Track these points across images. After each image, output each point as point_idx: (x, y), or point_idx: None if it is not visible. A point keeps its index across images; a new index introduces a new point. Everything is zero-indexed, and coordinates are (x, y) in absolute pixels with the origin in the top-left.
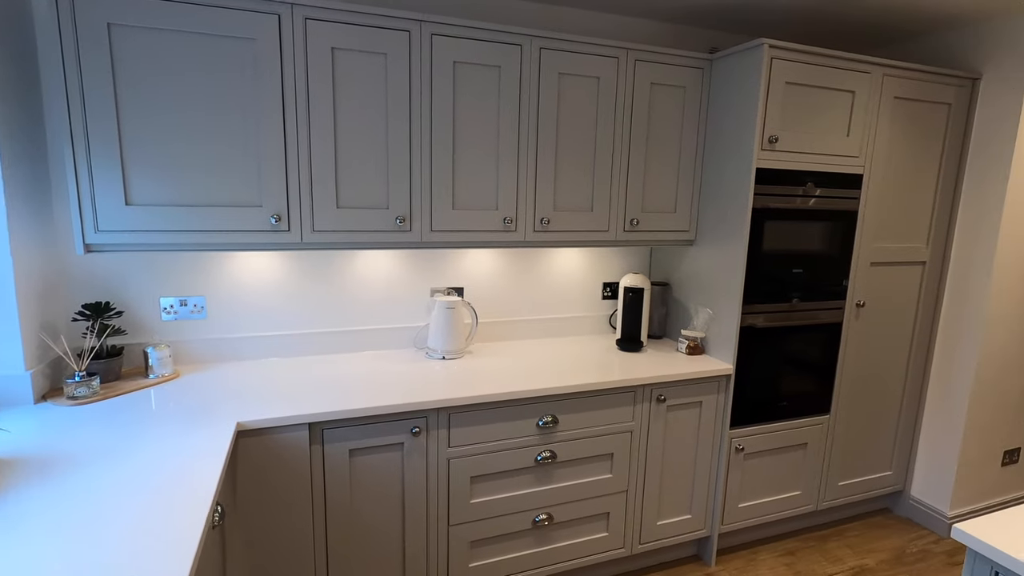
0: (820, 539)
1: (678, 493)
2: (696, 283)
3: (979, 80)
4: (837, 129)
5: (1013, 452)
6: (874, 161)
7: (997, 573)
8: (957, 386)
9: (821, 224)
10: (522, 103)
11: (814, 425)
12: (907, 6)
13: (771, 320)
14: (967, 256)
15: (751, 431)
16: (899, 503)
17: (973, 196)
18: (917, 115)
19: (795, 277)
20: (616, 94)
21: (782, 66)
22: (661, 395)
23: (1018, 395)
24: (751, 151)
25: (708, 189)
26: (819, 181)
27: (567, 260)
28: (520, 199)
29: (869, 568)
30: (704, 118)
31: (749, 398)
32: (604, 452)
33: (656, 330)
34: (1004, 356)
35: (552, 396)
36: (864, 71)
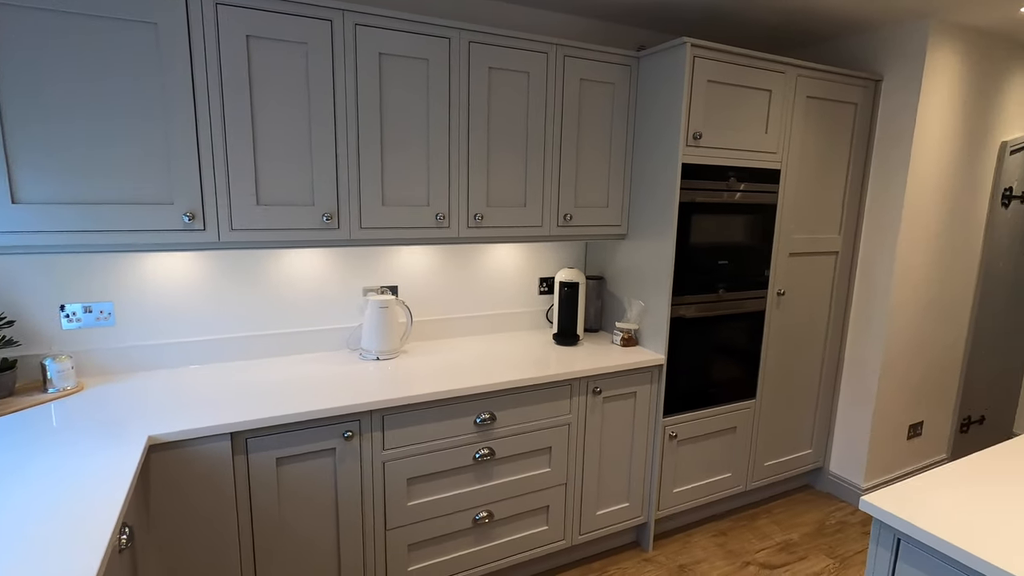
0: (750, 517)
1: (616, 482)
2: (629, 276)
3: (881, 82)
4: (756, 126)
5: (916, 426)
6: (790, 157)
7: (899, 540)
8: (868, 367)
9: (744, 217)
10: (452, 97)
11: (742, 409)
12: (817, 11)
13: (700, 310)
14: (874, 245)
15: (683, 418)
16: (820, 479)
17: (878, 189)
18: (827, 113)
19: (721, 268)
20: (547, 89)
21: (704, 65)
22: (597, 387)
23: (918, 374)
24: (676, 147)
25: (638, 184)
26: (741, 176)
27: (503, 256)
28: (453, 195)
29: (794, 542)
30: (633, 114)
31: (681, 386)
32: (542, 446)
33: (592, 323)
34: (906, 339)
35: (489, 393)
36: (779, 71)
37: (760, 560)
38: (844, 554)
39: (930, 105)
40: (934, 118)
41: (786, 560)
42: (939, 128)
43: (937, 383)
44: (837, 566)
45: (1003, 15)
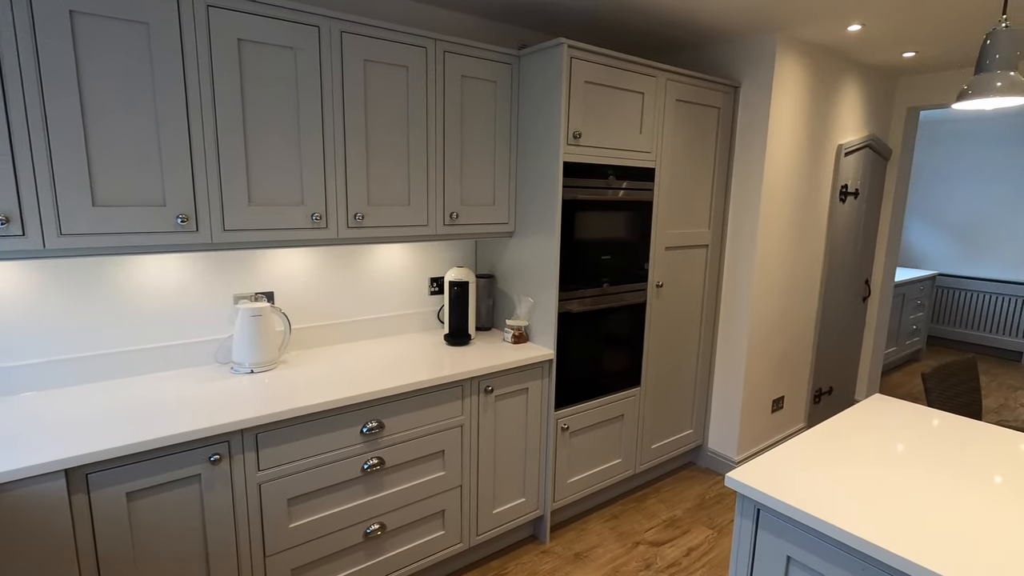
0: (639, 499)
1: (511, 479)
2: (518, 273)
3: (739, 88)
4: (631, 127)
5: (779, 400)
6: (663, 156)
7: (759, 509)
8: (736, 350)
9: (624, 214)
10: (325, 90)
11: (628, 398)
12: (682, 21)
13: (585, 305)
14: (738, 238)
15: (574, 410)
16: (700, 456)
17: (740, 186)
18: (695, 116)
19: (604, 263)
20: (428, 85)
21: (581, 66)
22: (489, 386)
23: (779, 353)
24: (558, 146)
25: (524, 182)
26: (620, 174)
27: (390, 257)
28: (329, 194)
29: (678, 517)
30: (516, 113)
31: (571, 379)
32: (435, 450)
33: (484, 322)
34: (767, 322)
35: (375, 400)
36: (651, 75)
37: (649, 539)
38: (721, 523)
39: (780, 110)
40: (784, 122)
41: (672, 535)
42: (788, 131)
43: (794, 361)
44: (716, 535)
45: (835, 33)
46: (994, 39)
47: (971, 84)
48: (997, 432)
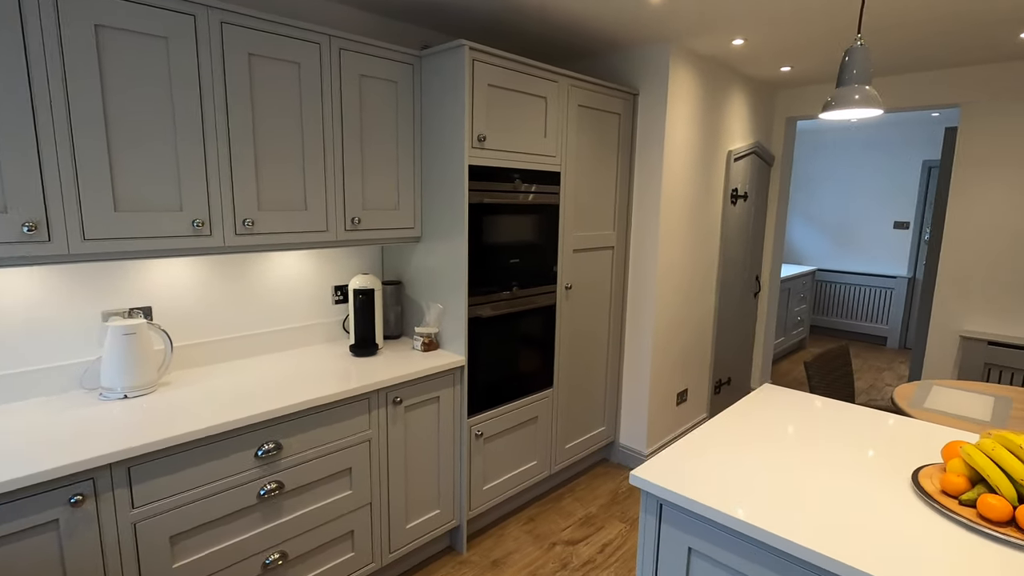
0: (555, 499)
1: (425, 491)
2: (426, 279)
3: (638, 95)
4: (536, 130)
5: (683, 393)
6: (568, 160)
7: (661, 504)
8: (643, 346)
9: (531, 217)
10: (204, 85)
11: (542, 399)
12: (580, 28)
13: (496, 309)
14: (641, 240)
15: (488, 416)
16: (613, 452)
17: (642, 190)
18: (597, 121)
19: (513, 267)
20: (323, 84)
21: (484, 69)
22: (397, 397)
23: (681, 348)
24: (463, 148)
25: (429, 185)
26: (526, 178)
27: (289, 265)
28: (213, 198)
29: (593, 515)
30: (419, 114)
31: (483, 385)
32: (341, 468)
33: (392, 330)
34: (670, 318)
35: (271, 420)
36: (553, 80)
37: (565, 538)
38: (633, 517)
39: (675, 118)
40: (679, 129)
41: (587, 533)
42: (683, 138)
43: (695, 354)
44: (628, 529)
45: (721, 46)
46: (851, 56)
47: (834, 96)
48: (868, 413)
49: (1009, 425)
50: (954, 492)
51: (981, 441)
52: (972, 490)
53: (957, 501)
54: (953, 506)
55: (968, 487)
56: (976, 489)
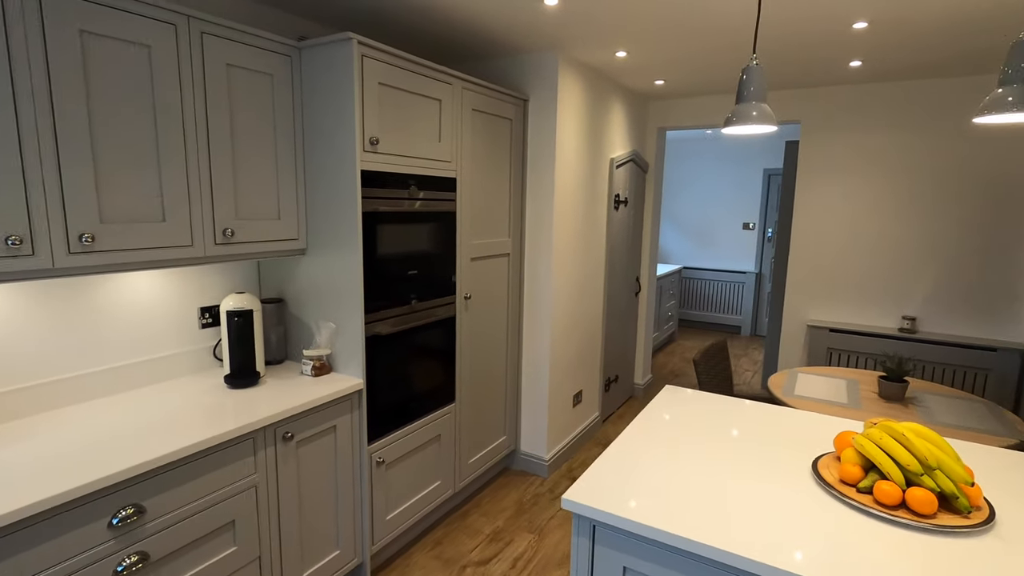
0: (461, 517)
1: (322, 532)
2: (315, 296)
3: (528, 101)
4: (430, 135)
5: (578, 394)
6: (463, 166)
7: (595, 526)
8: (540, 352)
9: (428, 225)
10: (17, 67)
11: (444, 416)
12: (465, 27)
13: (395, 324)
14: (536, 245)
15: (389, 440)
16: (514, 460)
17: (535, 196)
18: (490, 126)
19: (411, 279)
20: (181, 72)
21: (374, 66)
22: (288, 432)
23: (574, 351)
24: (354, 152)
25: (315, 192)
26: (421, 184)
27: (142, 287)
28: (36, 208)
29: (501, 529)
30: (301, 113)
31: (383, 408)
32: (222, 523)
33: (276, 354)
34: (565, 322)
35: (127, 481)
36: (447, 82)
37: (475, 559)
38: (540, 524)
39: (565, 125)
40: (569, 136)
41: (497, 550)
42: (573, 145)
43: (588, 356)
44: (537, 539)
45: (606, 57)
46: (748, 75)
47: (734, 112)
48: (763, 408)
49: (863, 404)
50: (851, 481)
51: (869, 431)
52: (867, 478)
53: (855, 489)
54: (852, 494)
55: (863, 475)
56: (870, 477)
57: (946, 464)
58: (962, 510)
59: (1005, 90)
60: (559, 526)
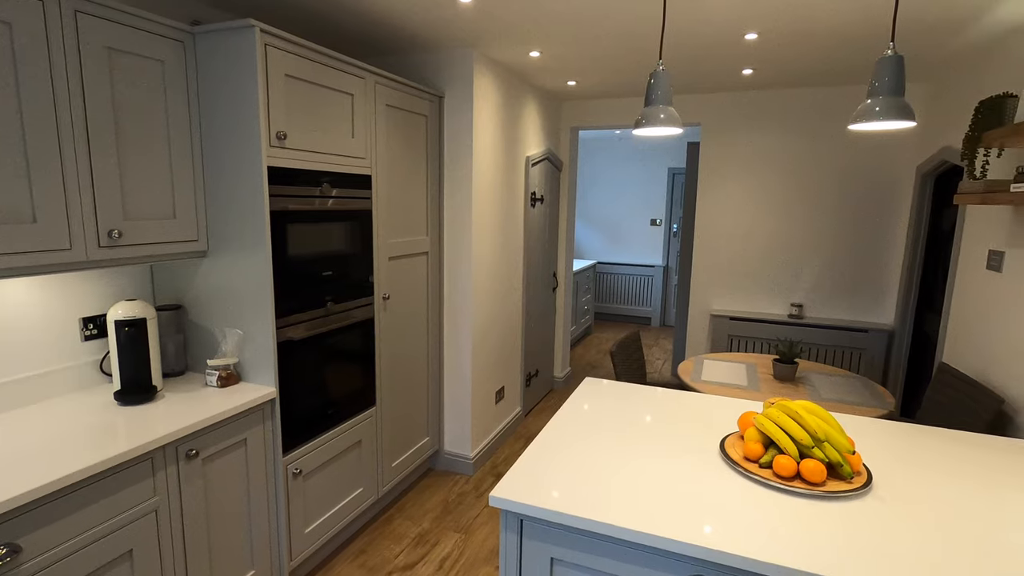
0: (385, 522)
1: (234, 552)
2: (219, 301)
3: (444, 98)
4: (343, 130)
5: (500, 391)
6: (378, 163)
7: (522, 521)
8: (462, 350)
9: (343, 224)
10: None
11: (364, 420)
12: (378, 19)
13: (310, 329)
14: (455, 243)
15: (307, 449)
16: (438, 460)
17: (453, 193)
18: (406, 123)
19: (326, 280)
20: (51, 54)
21: (279, 57)
22: (192, 449)
23: (495, 347)
24: (259, 147)
25: (217, 190)
26: (334, 181)
27: (13, 297)
28: None
29: (426, 531)
30: (198, 105)
31: (299, 416)
32: (118, 554)
33: (175, 366)
34: (486, 320)
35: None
36: (359, 75)
37: (401, 564)
38: (466, 523)
39: (481, 123)
40: (486, 134)
41: (423, 553)
42: (489, 143)
43: (509, 352)
44: (464, 537)
45: (520, 56)
46: (656, 79)
47: (643, 115)
48: (674, 395)
49: (760, 386)
50: (754, 457)
51: (767, 411)
52: (767, 454)
53: (757, 465)
54: (755, 470)
55: (763, 451)
56: (770, 452)
57: (832, 436)
58: (846, 476)
59: (872, 101)
60: (485, 523)
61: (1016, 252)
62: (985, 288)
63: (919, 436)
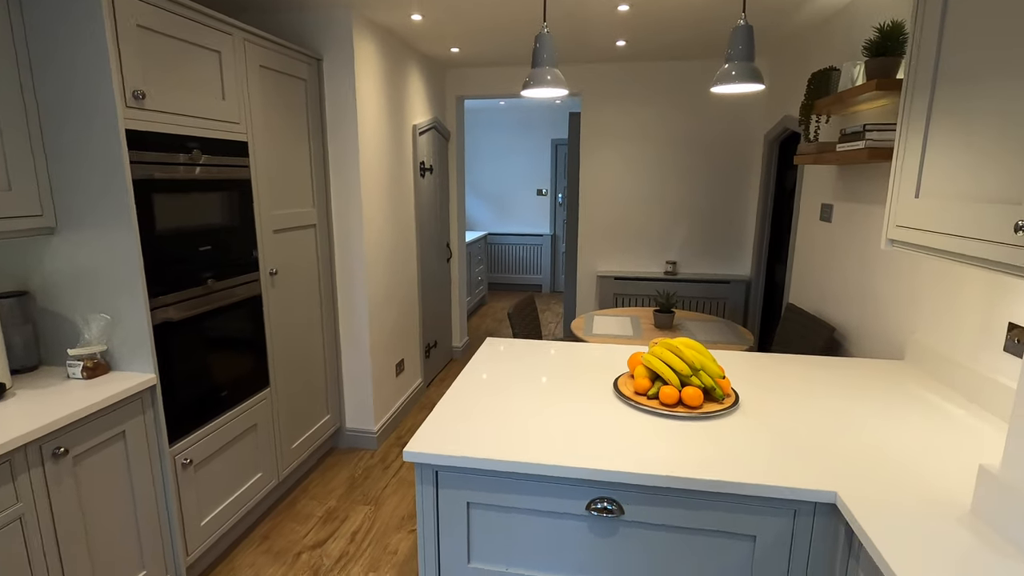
0: (289, 505)
1: (121, 554)
2: (76, 284)
3: (322, 61)
4: (212, 91)
5: (400, 363)
6: (255, 128)
7: (437, 472)
8: (359, 324)
9: (219, 195)
10: None
11: (259, 403)
12: None
13: (189, 308)
14: (345, 215)
15: (196, 438)
16: (340, 438)
17: (339, 163)
18: (282, 86)
19: (205, 255)
20: None
21: (129, 4)
22: (60, 447)
23: (394, 320)
24: (114, 108)
25: (63, 157)
26: (206, 147)
27: None
28: None
29: (334, 508)
30: (27, 57)
31: (185, 403)
32: None
33: (24, 360)
34: (382, 292)
35: None
36: (225, 31)
37: (309, 543)
38: (375, 495)
39: (365, 89)
40: (370, 101)
41: (332, 530)
42: (374, 109)
43: (407, 324)
44: (374, 509)
45: (400, 19)
46: (541, 42)
47: (531, 76)
48: (570, 346)
49: (643, 334)
50: (642, 391)
51: (652, 349)
52: (653, 387)
53: (646, 397)
54: (644, 401)
55: (651, 385)
56: (656, 385)
57: (707, 365)
58: (719, 398)
59: (730, 66)
60: (395, 492)
61: (841, 205)
62: (819, 237)
63: (773, 363)
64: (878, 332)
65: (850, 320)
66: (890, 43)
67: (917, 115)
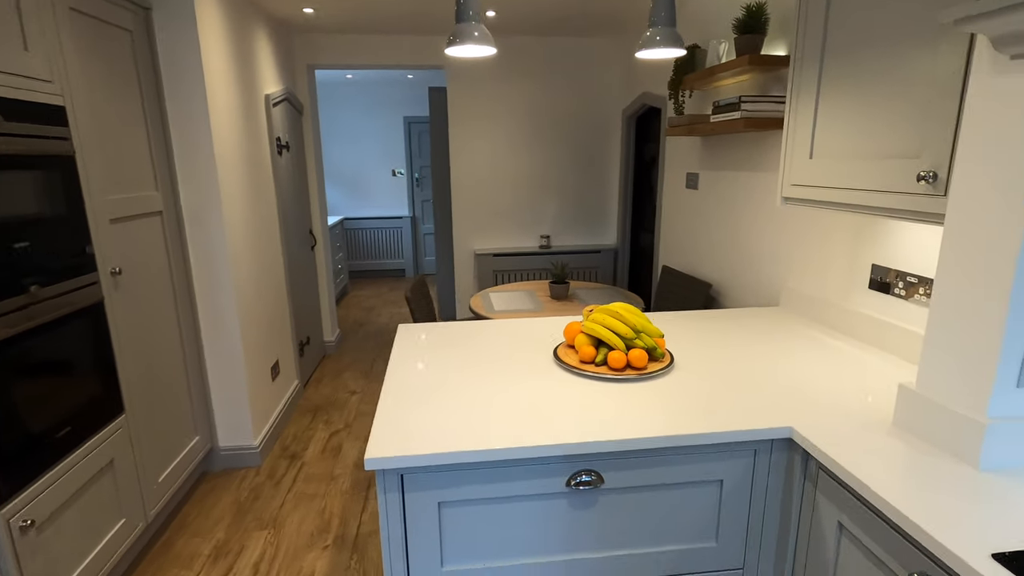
0: (166, 547)
1: None
2: None
3: (151, 11)
4: (8, 38)
5: (275, 366)
6: (75, 91)
7: (402, 475)
8: (227, 327)
9: (32, 174)
10: None
11: (112, 434)
12: None
13: (7, 326)
14: (197, 199)
15: (34, 492)
16: (214, 460)
17: (183, 133)
18: (104, 38)
19: (23, 256)
20: None
21: None
22: None
23: (265, 319)
24: None
25: None
26: (8, 112)
27: None
28: None
29: (223, 540)
30: None
31: (14, 450)
32: None
33: None
34: (249, 289)
35: None
36: None
37: None
38: (271, 515)
39: (209, 50)
40: (216, 64)
41: (228, 566)
42: (222, 75)
43: (278, 321)
44: (274, 532)
45: None
46: None
47: (455, 32)
48: (489, 324)
49: (543, 305)
50: (588, 359)
51: (592, 316)
52: (599, 354)
53: (594, 365)
54: (592, 369)
55: (596, 352)
56: (601, 351)
57: (646, 327)
58: (658, 357)
59: (653, 31)
60: (294, 508)
61: (706, 173)
62: (687, 203)
63: (674, 320)
64: (751, 284)
65: (724, 276)
66: (754, 21)
67: (808, 85)
